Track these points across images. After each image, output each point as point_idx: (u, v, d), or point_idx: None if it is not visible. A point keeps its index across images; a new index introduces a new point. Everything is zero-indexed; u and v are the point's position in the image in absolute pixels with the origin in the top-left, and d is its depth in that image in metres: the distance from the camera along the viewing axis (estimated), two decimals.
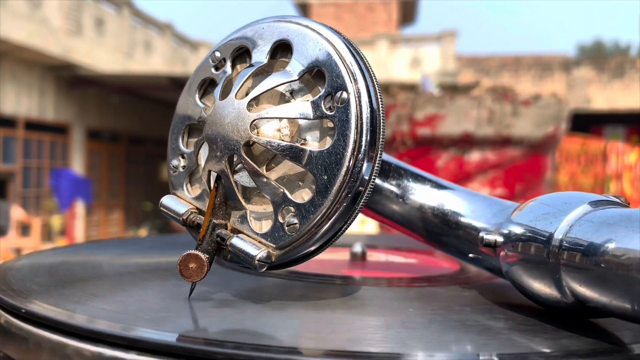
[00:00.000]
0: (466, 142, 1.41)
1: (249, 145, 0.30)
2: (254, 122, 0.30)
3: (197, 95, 0.34)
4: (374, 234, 1.05)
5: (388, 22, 10.63)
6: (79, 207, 6.25)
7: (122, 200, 7.63)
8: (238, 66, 0.33)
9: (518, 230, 0.30)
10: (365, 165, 0.29)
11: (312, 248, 0.30)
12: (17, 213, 5.26)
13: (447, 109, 1.39)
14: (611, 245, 0.24)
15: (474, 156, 1.43)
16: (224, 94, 0.31)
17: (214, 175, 0.31)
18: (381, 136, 0.29)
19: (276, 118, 0.30)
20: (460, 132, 1.39)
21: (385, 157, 0.38)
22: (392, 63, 8.51)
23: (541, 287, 0.28)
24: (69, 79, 6.39)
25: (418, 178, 0.38)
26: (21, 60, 5.75)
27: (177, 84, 5.86)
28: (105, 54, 6.66)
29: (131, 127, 7.69)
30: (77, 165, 6.62)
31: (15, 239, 4.93)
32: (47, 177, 6.04)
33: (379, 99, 0.29)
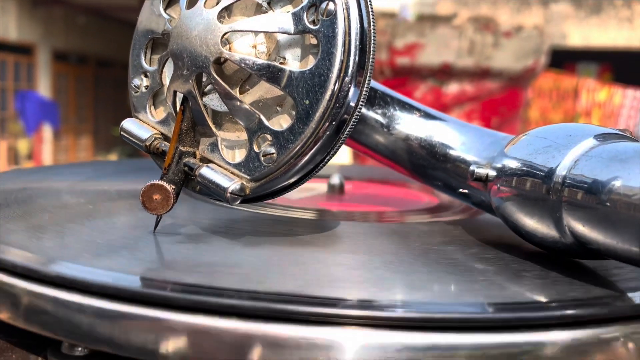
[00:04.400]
0: (445, 73, 1.37)
1: (219, 62, 0.26)
2: (225, 36, 0.26)
3: (161, 5, 0.30)
4: (348, 165, 1.03)
5: None
6: (47, 131, 6.10)
7: (90, 125, 7.46)
8: None
9: (514, 164, 0.28)
10: (352, 90, 0.25)
11: (290, 181, 0.27)
12: None
13: (428, 38, 1.35)
14: (622, 183, 0.22)
15: (452, 88, 1.41)
16: (192, 3, 0.27)
17: (180, 96, 0.28)
18: (371, 57, 0.26)
19: (251, 32, 0.26)
20: (439, 63, 1.36)
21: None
22: None
23: (538, 225, 0.26)
24: None
25: (405, 107, 0.35)
26: None
27: None
28: None
29: (99, 49, 7.42)
30: (43, 88, 6.41)
31: None
32: (11, 99, 5.85)
33: (371, 14, 0.26)
